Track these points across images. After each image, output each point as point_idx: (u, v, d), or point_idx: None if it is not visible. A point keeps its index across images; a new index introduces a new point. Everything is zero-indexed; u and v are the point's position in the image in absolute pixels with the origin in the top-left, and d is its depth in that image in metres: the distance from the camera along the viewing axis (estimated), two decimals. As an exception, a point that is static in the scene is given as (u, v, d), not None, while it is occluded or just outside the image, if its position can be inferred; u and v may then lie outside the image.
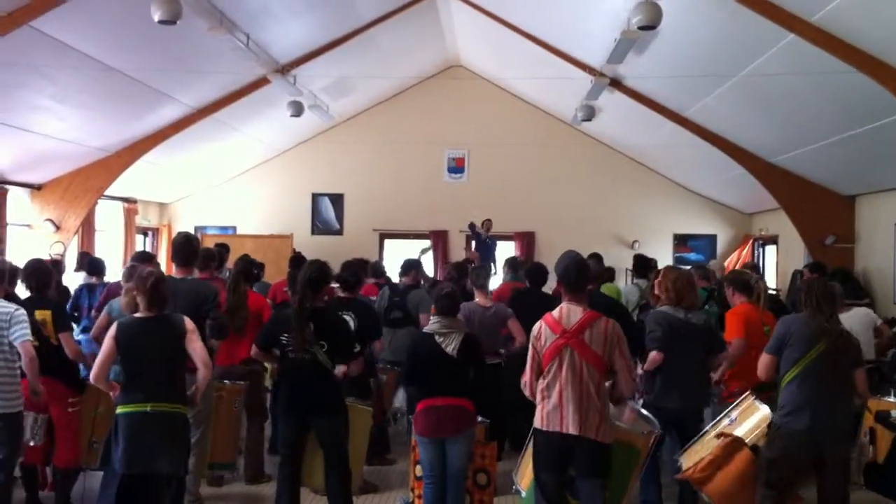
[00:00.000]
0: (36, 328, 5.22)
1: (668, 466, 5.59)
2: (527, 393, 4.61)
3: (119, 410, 4.51)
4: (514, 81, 14.74)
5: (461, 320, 5.53)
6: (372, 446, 6.14)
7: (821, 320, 4.65)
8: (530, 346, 4.58)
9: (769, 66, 7.92)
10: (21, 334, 4.98)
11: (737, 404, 5.08)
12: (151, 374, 4.49)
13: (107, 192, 11.75)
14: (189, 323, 4.63)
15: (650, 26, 7.39)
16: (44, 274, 5.66)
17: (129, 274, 6.02)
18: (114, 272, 9.50)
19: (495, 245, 13.99)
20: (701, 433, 5.09)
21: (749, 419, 4.90)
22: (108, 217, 13.12)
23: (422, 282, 8.54)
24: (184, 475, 4.78)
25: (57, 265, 7.52)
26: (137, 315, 4.64)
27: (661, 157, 14.43)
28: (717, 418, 5.15)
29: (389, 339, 7.31)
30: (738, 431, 4.85)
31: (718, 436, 4.84)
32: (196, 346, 4.59)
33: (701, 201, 15.39)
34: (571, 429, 4.35)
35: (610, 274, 8.72)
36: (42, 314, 5.42)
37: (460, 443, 5.14)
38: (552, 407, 4.41)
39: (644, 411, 5.13)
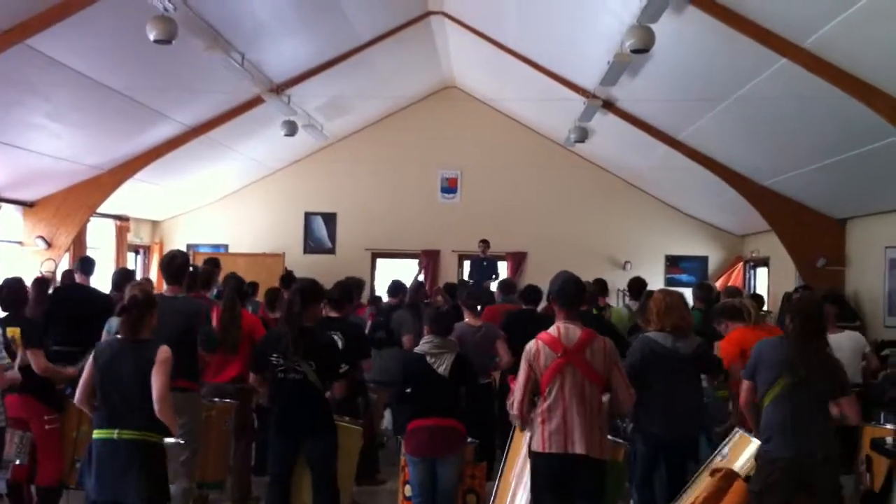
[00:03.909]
0: (7, 345, 5.21)
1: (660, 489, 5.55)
2: (513, 412, 4.50)
3: (93, 435, 4.34)
4: (507, 103, 14.79)
5: (453, 340, 5.52)
6: (361, 466, 6.09)
7: (795, 345, 4.38)
8: (524, 366, 4.47)
9: (761, 90, 7.97)
10: None
11: (728, 440, 4.95)
12: (121, 400, 4.27)
13: (99, 210, 11.74)
14: (162, 353, 4.30)
15: (643, 50, 7.44)
16: (16, 292, 5.65)
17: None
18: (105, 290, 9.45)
19: (494, 266, 13.74)
20: (696, 475, 4.93)
21: (741, 453, 4.73)
22: (100, 235, 13.08)
23: (423, 302, 8.56)
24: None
25: (46, 283, 7.48)
26: (118, 337, 4.46)
27: (654, 179, 14.48)
28: (711, 457, 4.99)
29: (374, 359, 7.26)
30: (732, 466, 4.69)
31: (712, 473, 4.68)
32: (157, 379, 4.25)
33: (693, 223, 15.42)
34: (578, 448, 4.29)
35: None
36: (12, 331, 5.40)
37: (451, 463, 5.12)
38: (555, 427, 4.34)
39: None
